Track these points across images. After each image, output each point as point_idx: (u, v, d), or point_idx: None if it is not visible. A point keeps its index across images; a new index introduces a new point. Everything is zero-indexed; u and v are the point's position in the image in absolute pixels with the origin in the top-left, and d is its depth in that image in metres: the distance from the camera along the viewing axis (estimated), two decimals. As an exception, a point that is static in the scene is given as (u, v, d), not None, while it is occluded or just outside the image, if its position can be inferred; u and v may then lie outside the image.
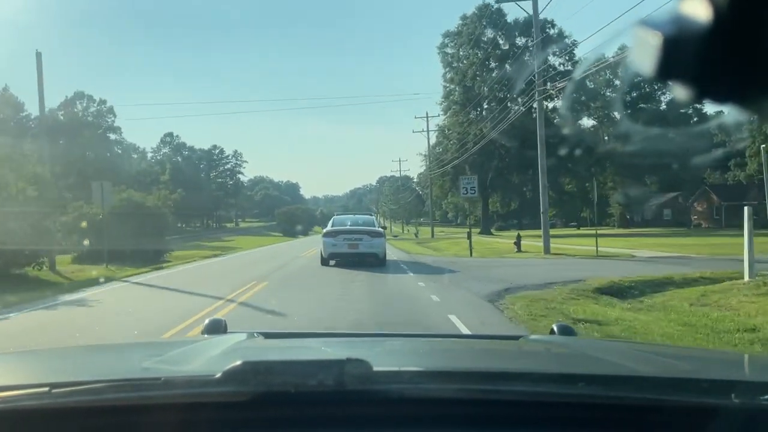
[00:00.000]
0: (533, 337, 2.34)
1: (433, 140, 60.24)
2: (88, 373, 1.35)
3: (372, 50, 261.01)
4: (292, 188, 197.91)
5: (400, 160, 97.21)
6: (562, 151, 36.93)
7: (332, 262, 16.48)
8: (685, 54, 0.53)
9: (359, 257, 16.40)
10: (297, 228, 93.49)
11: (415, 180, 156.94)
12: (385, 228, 19.60)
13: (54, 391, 1.03)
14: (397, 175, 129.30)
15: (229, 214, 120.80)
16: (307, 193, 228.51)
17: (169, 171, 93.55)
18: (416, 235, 51.16)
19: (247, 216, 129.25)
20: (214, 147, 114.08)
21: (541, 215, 22.41)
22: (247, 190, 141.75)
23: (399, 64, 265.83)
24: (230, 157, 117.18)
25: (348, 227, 17.64)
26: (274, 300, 10.49)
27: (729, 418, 1.05)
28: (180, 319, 8.61)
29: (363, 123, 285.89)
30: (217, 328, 2.09)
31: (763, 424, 1.05)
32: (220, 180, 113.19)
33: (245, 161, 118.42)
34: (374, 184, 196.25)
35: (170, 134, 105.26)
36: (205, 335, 2.02)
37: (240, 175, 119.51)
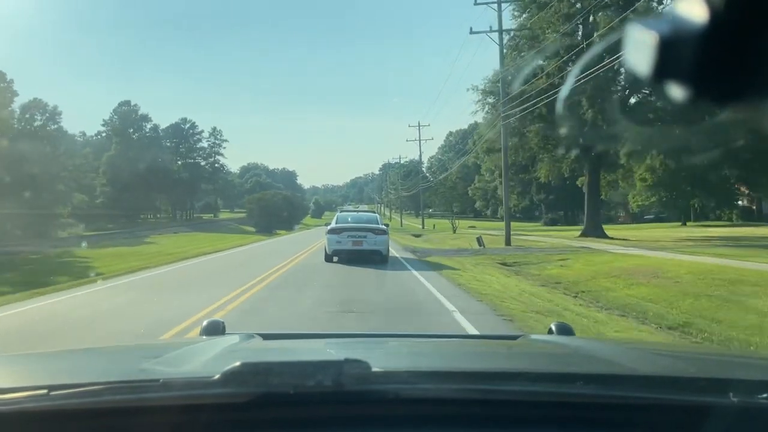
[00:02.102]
0: (531, 336, 2.34)
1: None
2: (87, 375, 1.37)
3: (375, 40, 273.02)
4: (288, 176, 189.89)
5: (419, 125, 65.93)
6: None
7: (335, 259, 17.06)
8: (682, 55, 0.53)
9: (363, 254, 16.87)
10: (277, 221, 62.59)
11: (425, 164, 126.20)
12: (387, 225, 19.46)
13: (52, 393, 1.05)
14: (404, 160, 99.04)
15: (212, 203, 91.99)
16: (306, 182, 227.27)
17: (116, 146, 64.90)
18: (479, 241, 26.53)
19: (235, 206, 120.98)
20: (184, 121, 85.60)
21: None
22: (237, 178, 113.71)
23: (402, 55, 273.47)
24: (205, 135, 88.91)
25: (352, 224, 17.92)
26: None
27: (726, 416, 1.05)
28: None
29: (364, 112, 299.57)
30: (215, 329, 2.06)
31: (760, 423, 1.06)
32: (190, 161, 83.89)
33: (225, 140, 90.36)
34: (376, 172, 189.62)
35: (126, 102, 76.20)
36: (204, 336, 2.01)
37: (220, 157, 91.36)
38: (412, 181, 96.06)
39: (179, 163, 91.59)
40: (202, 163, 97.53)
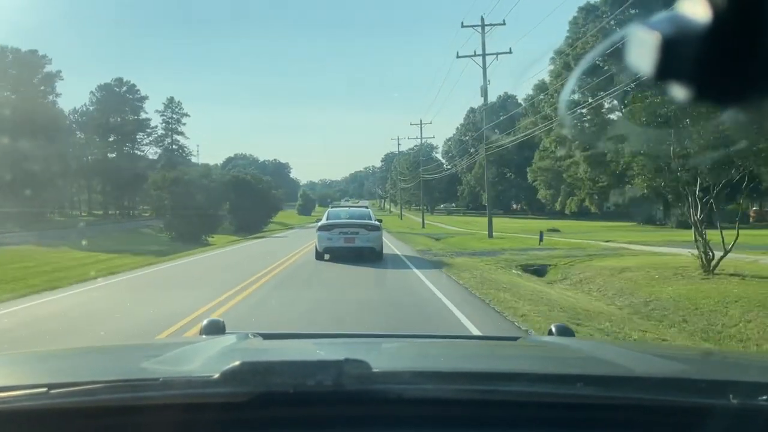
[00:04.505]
0: (531, 337, 2.46)
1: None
2: (86, 374, 1.40)
3: (375, 34, 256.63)
4: (280, 168, 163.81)
5: (483, 24, 32.78)
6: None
7: (327, 256, 16.90)
8: (685, 55, 0.52)
9: (356, 251, 16.36)
10: (212, 221, 24.65)
11: (439, 149, 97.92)
12: (380, 221, 18.71)
13: (52, 391, 1.07)
14: (410, 147, 68.61)
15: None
16: (303, 177, 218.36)
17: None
18: None
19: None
20: (119, 82, 51.76)
21: None
22: (220, 170, 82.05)
23: (401, 50, 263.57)
24: (157, 107, 57.36)
25: (344, 221, 17.08)
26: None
27: (726, 418, 1.08)
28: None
29: (364, 107, 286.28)
30: (215, 328, 2.02)
31: (760, 425, 1.10)
32: (131, 138, 49.72)
33: (186, 114, 55.33)
34: (378, 165, 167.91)
35: (31, 53, 41.44)
36: (204, 336, 2.00)
37: (179, 137, 58.37)
38: (424, 167, 64.77)
39: (110, 139, 60.80)
40: (146, 142, 66.65)
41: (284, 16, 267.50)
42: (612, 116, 51.21)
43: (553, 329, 2.09)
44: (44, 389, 1.04)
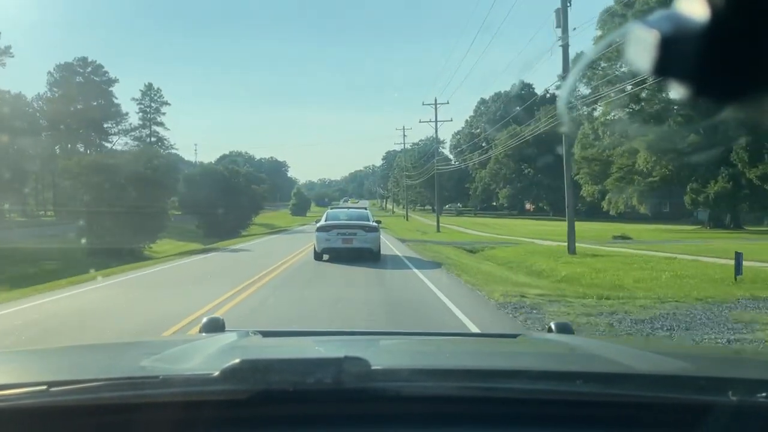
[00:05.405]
0: (531, 335, 2.45)
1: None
2: (87, 372, 1.41)
3: (375, 34, 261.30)
4: (277, 167, 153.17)
5: None
6: None
7: (325, 257, 17.74)
8: (683, 52, 0.52)
9: (354, 252, 16.84)
10: (154, 226, 10.31)
11: (446, 143, 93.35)
12: (379, 222, 19.36)
13: (52, 389, 1.10)
14: (415, 142, 62.82)
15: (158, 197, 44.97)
16: (302, 177, 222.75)
17: None
18: None
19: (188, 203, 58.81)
20: (83, 62, 39.93)
21: None
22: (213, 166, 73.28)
23: (401, 50, 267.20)
24: (134, 93, 46.76)
25: (342, 221, 17.44)
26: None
27: (726, 415, 1.12)
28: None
29: (363, 107, 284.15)
30: (215, 326, 2.03)
31: (760, 422, 1.13)
32: (98, 125, 38.87)
33: (166, 103, 43.64)
34: (378, 164, 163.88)
35: None
36: (203, 333, 2.01)
37: (158, 128, 47.21)
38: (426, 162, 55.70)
39: (73, 128, 51.35)
40: (116, 131, 56.69)
41: (284, 15, 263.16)
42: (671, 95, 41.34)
43: (553, 326, 2.07)
44: (45, 387, 1.05)
